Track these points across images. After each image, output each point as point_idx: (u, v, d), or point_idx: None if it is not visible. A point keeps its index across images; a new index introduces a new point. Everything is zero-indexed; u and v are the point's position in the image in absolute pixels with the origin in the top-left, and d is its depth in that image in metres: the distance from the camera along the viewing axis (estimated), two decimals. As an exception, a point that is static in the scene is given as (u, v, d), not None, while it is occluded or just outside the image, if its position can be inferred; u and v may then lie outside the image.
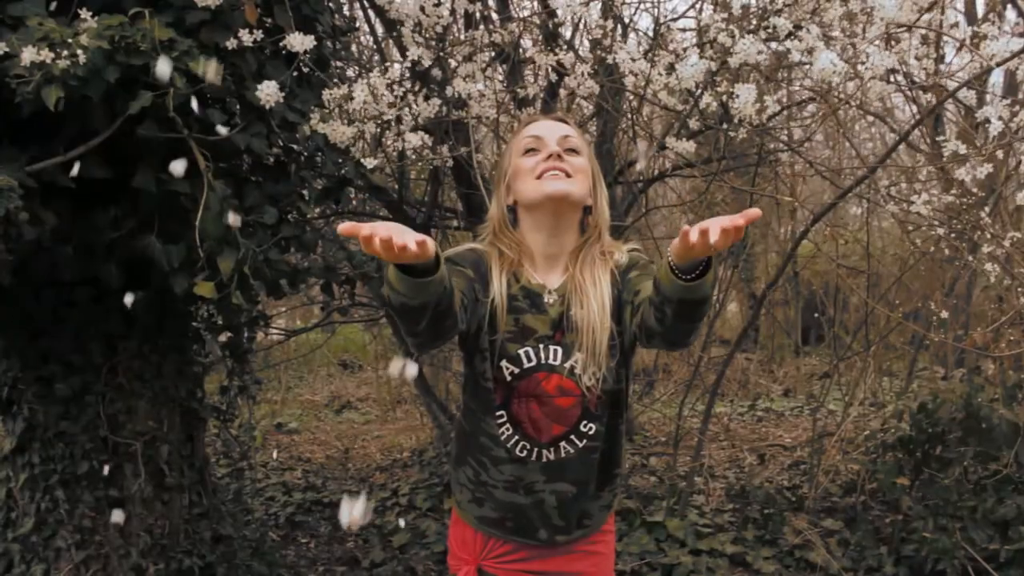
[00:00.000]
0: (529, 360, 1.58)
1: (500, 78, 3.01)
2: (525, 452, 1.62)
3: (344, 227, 1.13)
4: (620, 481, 1.77)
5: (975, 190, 3.08)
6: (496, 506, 1.68)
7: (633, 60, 2.59)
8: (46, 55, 1.85)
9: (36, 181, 2.03)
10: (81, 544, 2.77)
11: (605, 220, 1.66)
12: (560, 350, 1.59)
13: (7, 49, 1.87)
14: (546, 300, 1.61)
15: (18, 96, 1.91)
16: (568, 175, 1.57)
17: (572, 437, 1.61)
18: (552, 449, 1.61)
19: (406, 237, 1.11)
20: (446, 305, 1.30)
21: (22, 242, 2.01)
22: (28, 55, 1.84)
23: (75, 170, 2.04)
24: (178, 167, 1.98)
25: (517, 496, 1.65)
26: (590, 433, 1.62)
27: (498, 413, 1.61)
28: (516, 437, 1.61)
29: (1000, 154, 3.16)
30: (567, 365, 1.58)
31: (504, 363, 1.58)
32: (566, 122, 1.67)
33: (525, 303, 1.60)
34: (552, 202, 1.57)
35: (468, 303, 1.47)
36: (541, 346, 1.58)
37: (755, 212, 1.14)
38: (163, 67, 1.87)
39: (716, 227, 1.12)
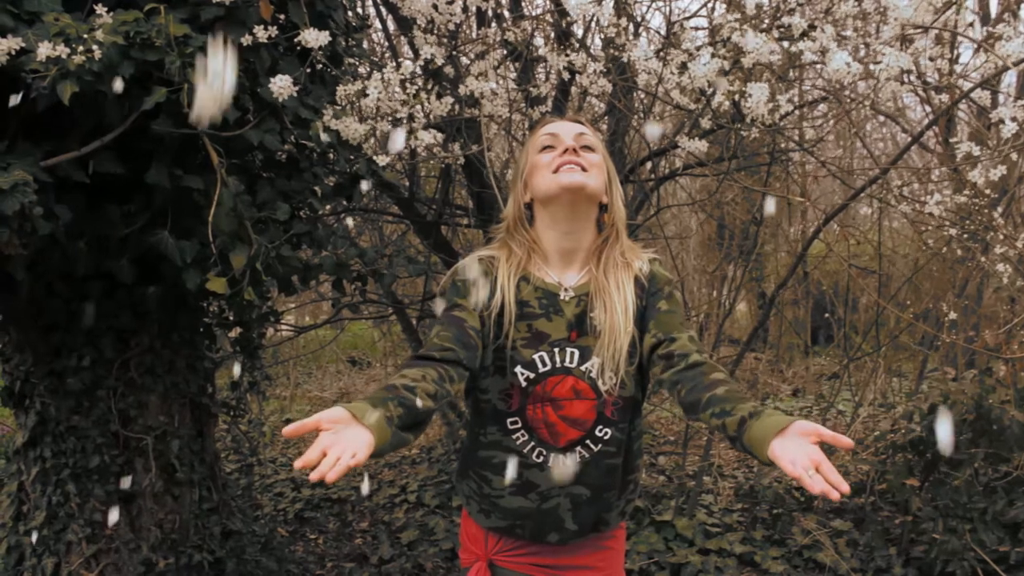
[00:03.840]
0: (544, 364, 1.58)
1: (512, 76, 3.01)
2: (541, 458, 1.61)
3: (288, 430, 1.09)
4: (636, 487, 1.76)
5: (988, 191, 3.06)
6: (503, 515, 1.68)
7: (646, 59, 2.59)
8: (61, 50, 1.86)
9: (51, 176, 2.04)
10: (92, 538, 2.78)
11: (622, 218, 1.66)
12: (577, 352, 1.58)
13: (23, 44, 1.88)
14: (562, 298, 1.60)
15: (33, 91, 1.92)
16: (584, 169, 1.58)
17: (587, 442, 1.61)
18: (568, 454, 1.61)
19: (339, 465, 1.06)
20: (426, 419, 1.32)
21: (36, 237, 2.01)
22: (44, 50, 1.85)
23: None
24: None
25: (525, 501, 1.64)
26: (606, 438, 1.61)
27: (512, 419, 1.61)
28: (532, 443, 1.61)
29: (1014, 155, 3.14)
30: (584, 368, 1.58)
31: (519, 369, 1.58)
32: (581, 122, 1.68)
33: (537, 307, 1.60)
34: (568, 193, 1.57)
35: (466, 354, 1.47)
36: (556, 349, 1.58)
37: (848, 442, 1.17)
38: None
39: (820, 490, 1.10)
